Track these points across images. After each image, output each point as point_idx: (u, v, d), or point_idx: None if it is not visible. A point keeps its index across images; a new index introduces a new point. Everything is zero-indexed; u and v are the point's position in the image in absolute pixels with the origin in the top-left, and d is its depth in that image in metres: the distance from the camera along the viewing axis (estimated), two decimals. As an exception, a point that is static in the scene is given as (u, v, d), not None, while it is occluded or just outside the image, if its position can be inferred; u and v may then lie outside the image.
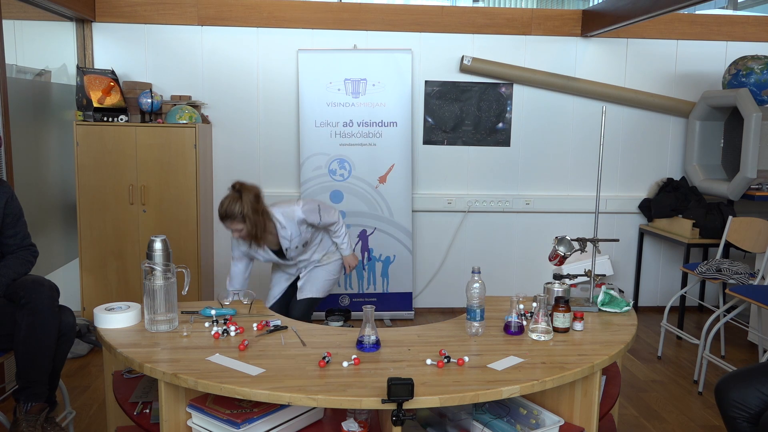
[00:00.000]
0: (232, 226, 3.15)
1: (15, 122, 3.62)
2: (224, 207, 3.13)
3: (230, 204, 3.12)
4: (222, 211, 3.15)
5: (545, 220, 5.07)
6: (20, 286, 2.53)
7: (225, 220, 3.15)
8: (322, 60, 4.60)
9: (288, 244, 3.35)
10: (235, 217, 3.11)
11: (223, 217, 3.15)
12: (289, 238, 3.33)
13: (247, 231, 3.16)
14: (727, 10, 6.67)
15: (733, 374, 2.31)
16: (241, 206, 3.10)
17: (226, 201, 3.14)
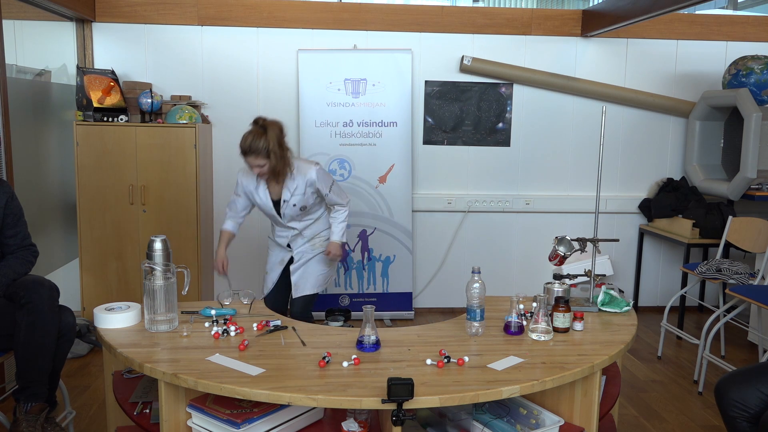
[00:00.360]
0: (255, 161, 3.10)
1: (15, 122, 3.62)
2: (248, 142, 3.07)
3: (254, 139, 3.07)
4: (246, 146, 3.09)
5: (545, 220, 5.07)
6: (20, 286, 2.53)
7: (248, 155, 3.10)
8: (322, 60, 4.60)
9: (288, 197, 3.24)
10: (259, 152, 3.06)
11: (246, 152, 3.10)
12: (292, 191, 3.23)
13: (270, 167, 3.12)
14: (727, 10, 6.67)
15: (733, 374, 2.31)
16: (266, 141, 3.06)
17: (249, 136, 3.08)
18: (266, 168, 3.13)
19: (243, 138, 3.11)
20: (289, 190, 3.24)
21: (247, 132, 3.12)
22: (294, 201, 3.26)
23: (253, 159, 3.10)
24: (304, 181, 3.23)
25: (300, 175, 3.22)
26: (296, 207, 3.27)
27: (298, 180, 3.22)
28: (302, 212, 3.31)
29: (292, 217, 3.32)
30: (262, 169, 3.14)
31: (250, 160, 3.12)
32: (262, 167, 3.13)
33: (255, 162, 3.11)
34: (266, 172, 3.16)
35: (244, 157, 3.14)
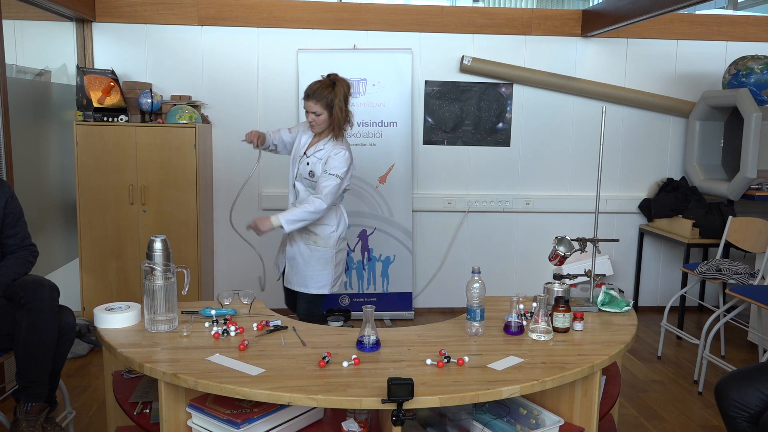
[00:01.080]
0: (313, 107, 3.07)
1: (15, 122, 3.62)
2: (314, 87, 3.07)
3: (321, 87, 3.07)
4: (310, 90, 3.07)
5: (545, 220, 5.07)
6: (20, 286, 2.53)
7: (309, 99, 3.07)
8: (322, 60, 4.60)
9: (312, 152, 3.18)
10: (320, 100, 3.05)
11: (308, 95, 3.08)
12: (316, 151, 3.17)
13: (324, 120, 3.10)
14: (727, 10, 6.67)
15: (733, 374, 2.31)
16: (333, 94, 3.06)
17: (317, 83, 3.09)
18: (321, 119, 3.10)
19: (311, 83, 3.11)
20: (316, 148, 3.20)
21: (314, 81, 3.13)
22: (310, 160, 3.19)
23: (312, 104, 3.07)
24: (328, 153, 3.15)
25: (333, 147, 3.16)
26: (308, 167, 3.19)
27: (327, 148, 3.16)
28: (309, 178, 3.20)
29: (301, 174, 3.24)
30: (317, 118, 3.10)
31: (310, 104, 3.08)
32: (318, 116, 3.09)
33: (312, 108, 3.08)
34: (319, 123, 3.12)
35: (305, 100, 3.10)
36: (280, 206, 4.84)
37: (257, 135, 3.26)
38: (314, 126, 3.15)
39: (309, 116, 3.12)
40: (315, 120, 3.11)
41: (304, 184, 3.23)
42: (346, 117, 3.14)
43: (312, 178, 3.18)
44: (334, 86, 3.07)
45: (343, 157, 3.12)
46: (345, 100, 3.10)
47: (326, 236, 3.26)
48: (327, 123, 3.12)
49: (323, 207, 3.07)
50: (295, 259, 3.31)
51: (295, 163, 3.26)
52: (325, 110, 3.07)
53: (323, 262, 3.27)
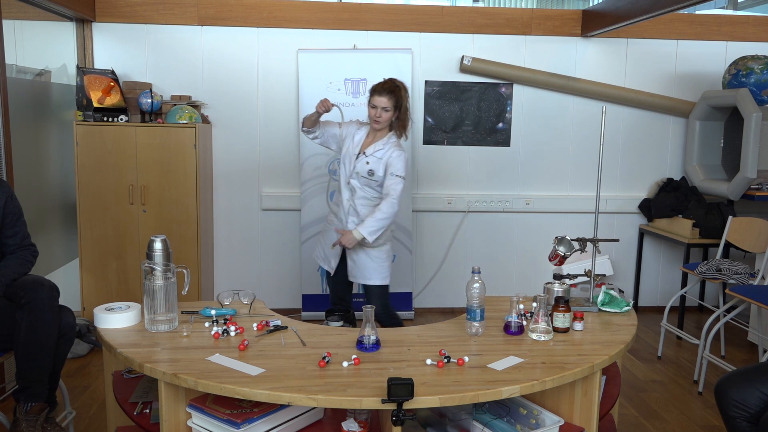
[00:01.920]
0: (384, 103, 3.19)
1: (15, 122, 3.62)
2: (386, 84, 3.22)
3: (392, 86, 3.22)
4: (383, 86, 3.20)
5: (545, 220, 5.07)
6: (20, 286, 2.53)
7: (382, 94, 3.19)
8: (322, 60, 4.60)
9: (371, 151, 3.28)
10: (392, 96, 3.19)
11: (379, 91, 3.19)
12: (375, 150, 3.28)
13: (388, 117, 3.23)
14: (727, 10, 6.67)
15: (732, 374, 2.31)
16: (400, 96, 3.24)
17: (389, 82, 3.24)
18: (387, 115, 3.22)
19: (380, 81, 3.25)
20: (375, 147, 3.29)
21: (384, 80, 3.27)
22: (370, 159, 3.28)
23: (385, 100, 3.19)
24: (389, 153, 3.26)
25: (391, 148, 3.28)
26: (368, 165, 3.29)
27: (387, 148, 3.28)
28: (368, 177, 3.30)
29: (358, 173, 3.32)
30: (384, 114, 3.21)
31: (381, 99, 3.19)
32: (386, 112, 3.21)
33: (383, 103, 3.19)
34: (385, 119, 3.23)
35: (375, 95, 3.21)
36: (280, 206, 4.85)
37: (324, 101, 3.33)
38: (378, 122, 3.23)
39: (376, 111, 3.21)
40: (381, 116, 3.21)
41: (361, 182, 3.33)
42: (407, 117, 3.32)
43: (371, 176, 3.29)
44: (400, 89, 3.25)
45: (403, 158, 3.27)
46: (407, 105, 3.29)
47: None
48: (389, 121, 3.25)
49: (396, 209, 3.22)
50: (351, 255, 3.39)
51: (351, 161, 3.35)
52: (393, 108, 3.21)
53: (384, 255, 3.41)
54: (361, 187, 3.34)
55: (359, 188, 3.34)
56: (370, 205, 3.34)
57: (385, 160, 3.26)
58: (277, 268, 4.94)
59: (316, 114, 3.31)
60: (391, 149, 3.27)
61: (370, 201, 3.36)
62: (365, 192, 3.35)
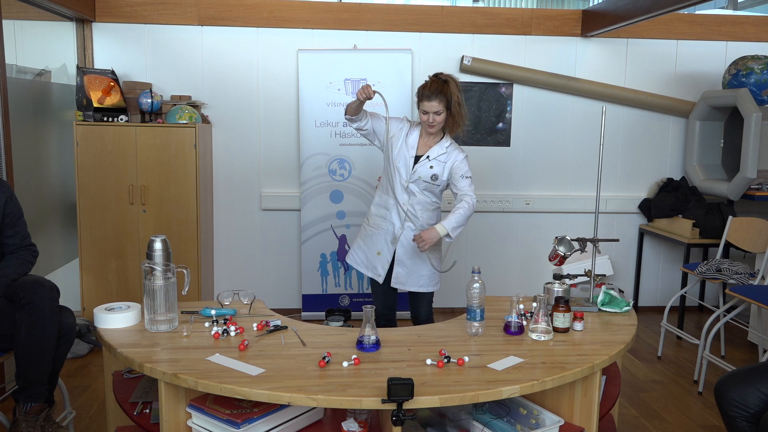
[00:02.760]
0: (435, 107, 2.95)
1: (15, 122, 3.62)
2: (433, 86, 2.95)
3: (438, 84, 2.95)
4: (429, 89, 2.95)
5: (545, 220, 5.07)
6: (20, 286, 2.53)
7: (431, 99, 2.94)
8: (322, 60, 4.60)
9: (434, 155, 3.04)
10: (443, 98, 2.94)
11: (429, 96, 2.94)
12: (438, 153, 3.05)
13: (442, 119, 2.99)
14: (727, 10, 6.67)
15: (732, 374, 2.31)
16: (450, 93, 2.95)
17: (432, 83, 2.96)
18: (440, 118, 2.98)
19: (426, 83, 2.98)
20: (437, 151, 3.07)
21: (428, 81, 3.00)
22: (434, 163, 3.05)
23: (435, 104, 2.94)
24: (452, 157, 3.06)
25: (454, 150, 3.08)
26: (432, 170, 3.05)
27: (450, 150, 3.07)
28: (431, 182, 3.07)
29: (420, 177, 3.07)
30: (437, 118, 2.97)
31: (431, 104, 2.95)
32: (438, 115, 2.97)
33: (434, 107, 2.95)
34: (439, 122, 2.99)
35: (427, 101, 2.96)
36: (280, 206, 4.85)
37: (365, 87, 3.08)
38: (433, 127, 3.02)
39: (428, 117, 2.99)
40: (435, 120, 2.99)
41: (421, 186, 3.09)
42: (464, 112, 3.03)
43: (434, 181, 3.08)
44: (448, 84, 2.97)
45: (467, 160, 3.10)
46: (461, 98, 3.01)
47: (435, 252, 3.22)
48: (443, 123, 3.02)
49: (475, 201, 3.02)
50: (405, 262, 3.16)
51: (407, 165, 3.08)
52: (445, 108, 2.97)
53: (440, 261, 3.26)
54: (421, 191, 3.11)
55: (418, 192, 3.11)
56: (430, 210, 3.15)
57: (450, 164, 3.06)
58: (277, 268, 4.94)
59: (357, 101, 3.04)
60: (452, 152, 3.07)
61: (430, 205, 3.16)
62: (425, 196, 3.13)
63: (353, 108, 3.07)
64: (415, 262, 3.16)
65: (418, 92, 3.03)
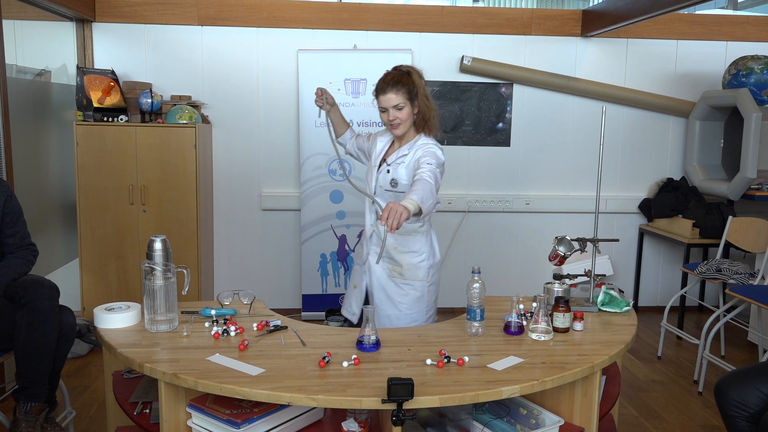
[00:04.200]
0: (394, 100, 2.56)
1: (15, 122, 3.62)
2: (390, 76, 2.59)
3: (397, 76, 2.58)
4: (388, 79, 2.58)
5: (545, 220, 5.07)
6: (20, 286, 2.53)
7: (388, 91, 2.56)
8: (322, 60, 4.60)
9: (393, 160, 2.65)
10: (401, 89, 2.55)
11: (384, 88, 2.57)
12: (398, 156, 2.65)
13: (407, 115, 2.60)
14: (727, 10, 6.67)
15: (732, 374, 2.31)
16: (412, 83, 2.58)
17: (391, 74, 2.61)
18: (404, 113, 2.58)
19: (382, 76, 2.62)
20: (398, 154, 2.67)
21: (385, 73, 2.64)
22: (392, 167, 2.66)
23: (393, 96, 2.55)
24: (417, 154, 2.60)
25: (418, 147, 2.63)
26: (389, 175, 2.66)
27: (413, 151, 2.63)
28: (392, 189, 2.66)
29: (382, 187, 2.70)
30: (399, 114, 2.58)
31: (389, 97, 2.56)
32: (401, 110, 2.58)
33: (393, 100, 2.56)
34: (403, 118, 2.59)
35: (382, 94, 2.59)
36: (280, 206, 4.85)
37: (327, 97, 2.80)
38: (397, 125, 2.62)
39: (389, 114, 2.60)
40: (397, 116, 2.59)
41: (386, 198, 2.66)
42: (432, 106, 2.65)
43: (395, 187, 2.65)
44: (410, 74, 2.61)
45: (433, 151, 2.56)
46: (426, 91, 2.64)
47: (414, 266, 2.69)
48: (410, 119, 2.62)
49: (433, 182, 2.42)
50: (376, 295, 2.74)
51: (373, 176, 2.74)
52: (408, 101, 2.58)
53: (412, 300, 2.70)
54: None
55: None
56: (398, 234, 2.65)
57: (412, 161, 2.61)
58: (277, 268, 4.94)
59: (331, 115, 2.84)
60: (418, 149, 2.62)
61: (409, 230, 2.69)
62: None
63: (334, 125, 2.88)
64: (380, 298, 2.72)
65: (374, 90, 2.65)
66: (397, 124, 2.62)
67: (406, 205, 2.21)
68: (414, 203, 2.24)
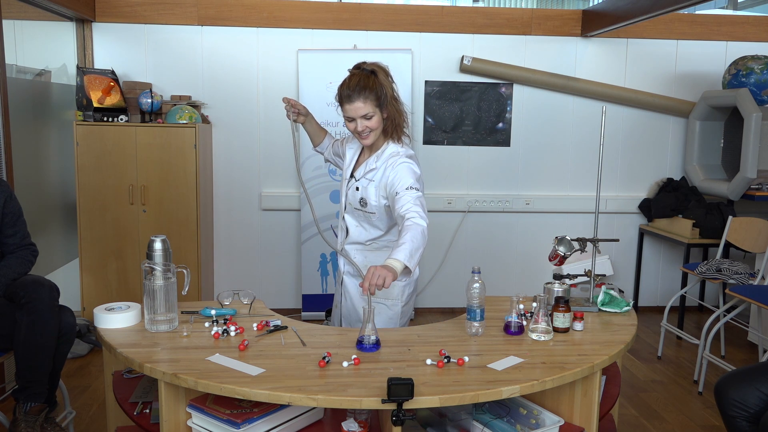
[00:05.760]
0: (362, 109, 2.30)
1: (15, 122, 3.62)
2: (355, 81, 2.30)
3: (362, 79, 2.31)
4: (353, 85, 2.29)
5: (545, 220, 5.07)
6: (20, 286, 2.53)
7: (354, 99, 2.29)
8: (322, 60, 4.60)
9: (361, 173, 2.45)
10: (369, 95, 2.29)
11: (350, 95, 2.30)
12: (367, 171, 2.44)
13: (377, 123, 2.35)
14: (727, 10, 6.67)
15: (732, 374, 2.31)
16: (380, 86, 2.32)
17: (355, 77, 2.32)
18: (374, 122, 2.33)
19: (345, 80, 2.34)
20: (366, 167, 2.45)
21: (348, 76, 2.37)
22: (360, 184, 2.45)
23: (361, 104, 2.29)
24: (387, 172, 2.39)
25: (387, 162, 2.41)
26: (358, 193, 2.46)
27: (381, 165, 2.42)
28: (361, 208, 2.47)
29: (351, 205, 2.51)
30: (368, 123, 2.33)
31: (356, 106, 2.30)
32: (370, 119, 2.33)
33: (361, 110, 2.30)
34: (374, 127, 2.35)
35: (347, 103, 2.32)
36: (280, 206, 4.85)
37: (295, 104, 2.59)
38: (367, 136, 2.38)
39: (357, 124, 2.34)
40: (367, 126, 2.34)
41: (355, 216, 2.49)
42: (402, 108, 2.41)
43: (364, 207, 2.44)
44: (376, 75, 2.34)
45: (410, 168, 2.38)
46: (394, 92, 2.38)
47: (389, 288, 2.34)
48: (380, 126, 2.38)
49: (425, 224, 2.23)
50: (351, 316, 2.60)
51: (343, 189, 2.56)
52: (377, 108, 2.33)
53: (384, 320, 2.53)
54: (357, 224, 2.51)
55: (353, 226, 2.52)
56: (368, 250, 2.53)
57: (383, 182, 2.39)
58: (277, 268, 4.95)
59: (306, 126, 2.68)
60: (387, 164, 2.40)
61: (366, 246, 2.54)
62: (360, 232, 2.51)
63: (311, 135, 2.73)
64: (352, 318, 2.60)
65: (337, 95, 2.37)
66: (367, 134, 2.38)
67: (392, 265, 2.05)
68: (400, 263, 2.08)
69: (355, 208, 2.49)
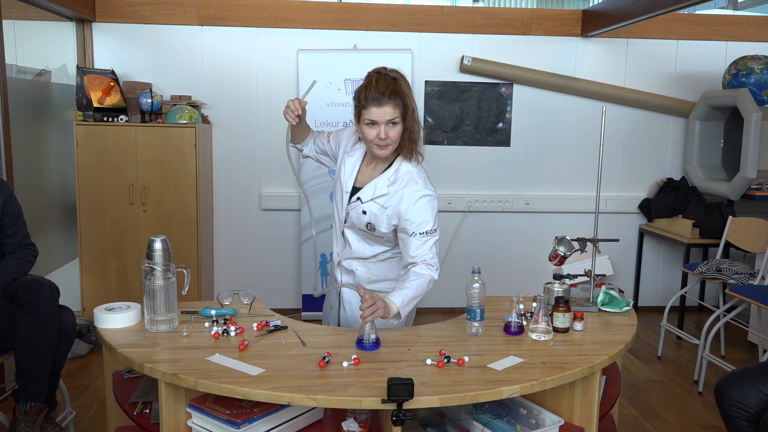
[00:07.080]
0: (391, 114, 2.12)
1: (15, 122, 3.62)
2: (383, 85, 2.11)
3: (392, 84, 2.13)
4: (383, 88, 2.10)
5: (545, 220, 5.07)
6: (20, 286, 2.53)
7: (385, 103, 2.10)
8: (322, 60, 4.60)
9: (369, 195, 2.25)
10: (398, 101, 2.12)
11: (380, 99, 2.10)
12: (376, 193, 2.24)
13: (398, 134, 2.16)
14: (727, 10, 6.67)
15: (732, 374, 2.31)
16: (406, 95, 2.15)
17: (383, 81, 2.13)
18: (395, 132, 2.14)
19: (371, 83, 2.13)
20: (375, 188, 2.26)
21: (369, 79, 2.17)
22: (368, 208, 2.26)
23: (391, 109, 2.10)
24: (400, 198, 2.22)
25: (405, 187, 2.22)
26: (365, 217, 2.28)
27: (396, 191, 2.23)
28: (367, 230, 2.32)
29: (355, 225, 2.34)
30: (390, 132, 2.14)
31: (385, 110, 2.10)
32: (394, 127, 2.14)
33: (390, 114, 2.11)
34: (394, 139, 2.16)
35: (376, 105, 2.11)
36: (280, 206, 4.85)
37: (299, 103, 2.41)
38: (386, 147, 2.18)
39: (381, 130, 2.14)
40: (389, 135, 2.14)
41: (359, 235, 2.36)
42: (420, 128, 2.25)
43: (372, 231, 2.29)
44: (398, 82, 2.16)
45: (426, 204, 2.19)
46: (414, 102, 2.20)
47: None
48: (398, 140, 2.20)
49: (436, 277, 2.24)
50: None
51: (343, 203, 2.35)
52: (401, 117, 2.15)
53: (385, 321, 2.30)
54: (359, 240, 2.37)
55: (355, 242, 2.37)
56: (371, 262, 2.42)
57: (397, 211, 2.21)
58: (277, 268, 4.95)
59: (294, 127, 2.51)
60: (401, 190, 2.20)
61: (367, 260, 2.41)
62: (364, 248, 2.37)
63: (293, 133, 2.53)
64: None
65: (358, 96, 2.18)
66: (387, 144, 2.18)
67: (389, 306, 2.10)
68: (396, 308, 2.13)
69: (359, 228, 2.34)
